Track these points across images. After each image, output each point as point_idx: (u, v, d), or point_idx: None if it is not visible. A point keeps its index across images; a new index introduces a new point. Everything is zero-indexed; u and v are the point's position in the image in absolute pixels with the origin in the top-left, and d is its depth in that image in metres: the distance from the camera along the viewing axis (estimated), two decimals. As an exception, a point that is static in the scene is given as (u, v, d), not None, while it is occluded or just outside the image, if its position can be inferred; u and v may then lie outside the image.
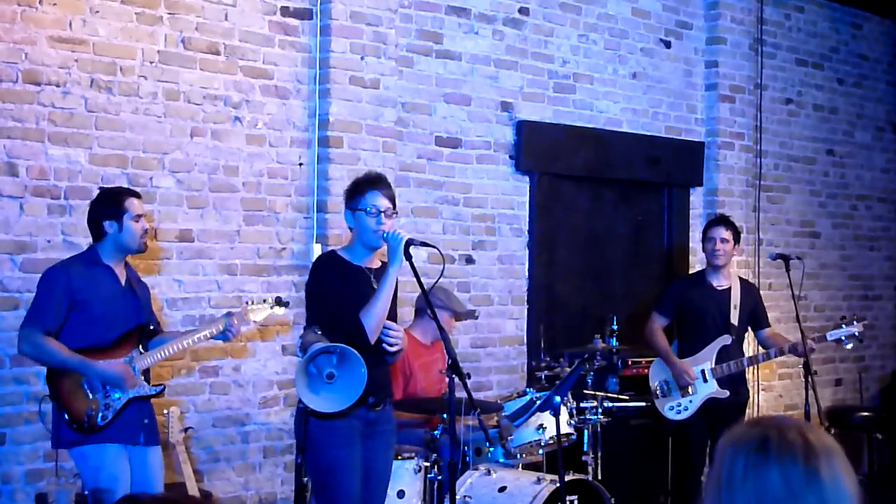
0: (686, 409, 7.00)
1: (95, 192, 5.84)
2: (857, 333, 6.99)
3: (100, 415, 5.06)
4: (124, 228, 5.15)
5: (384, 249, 5.06)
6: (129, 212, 5.15)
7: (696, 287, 7.22)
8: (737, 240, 7.18)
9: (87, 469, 5.08)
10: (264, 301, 5.56)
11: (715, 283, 7.14)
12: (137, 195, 5.30)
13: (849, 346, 7.25)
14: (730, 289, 7.15)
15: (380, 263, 5.15)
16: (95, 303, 5.11)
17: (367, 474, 5.03)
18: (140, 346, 5.25)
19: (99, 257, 5.18)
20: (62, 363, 5.03)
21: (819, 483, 2.01)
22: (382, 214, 5.00)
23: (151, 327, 5.35)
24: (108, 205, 5.18)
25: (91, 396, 5.06)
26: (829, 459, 2.03)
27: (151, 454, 5.28)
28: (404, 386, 6.40)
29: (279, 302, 5.57)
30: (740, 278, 7.41)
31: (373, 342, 4.89)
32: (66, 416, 5.02)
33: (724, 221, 7.20)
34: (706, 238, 7.17)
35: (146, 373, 5.28)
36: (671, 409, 7.04)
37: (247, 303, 5.56)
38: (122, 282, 5.25)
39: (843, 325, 7.04)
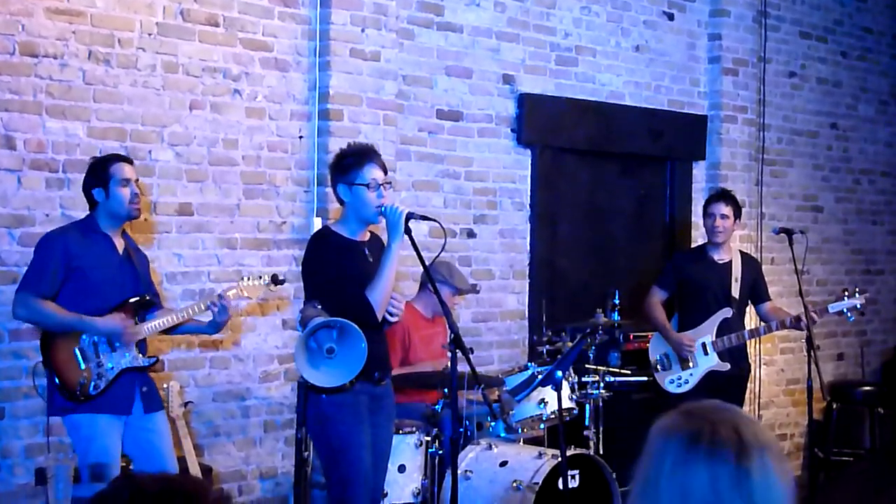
0: (686, 382, 6.99)
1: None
2: (858, 306, 6.97)
3: (92, 384, 5.03)
4: (111, 195, 5.09)
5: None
6: (115, 177, 5.09)
7: (697, 261, 7.19)
8: (738, 215, 7.14)
9: (79, 438, 5.07)
10: (260, 278, 5.51)
11: (716, 257, 7.12)
12: (127, 160, 5.23)
13: (851, 319, 7.22)
14: (730, 262, 7.13)
15: (369, 235, 5.11)
16: (92, 270, 5.07)
17: (371, 449, 5.01)
18: (136, 318, 5.22)
19: (97, 225, 5.14)
20: (59, 323, 5.01)
21: (749, 485, 1.88)
22: (382, 187, 4.96)
23: (148, 298, 5.31)
24: (95, 172, 5.13)
25: (84, 366, 5.03)
26: (762, 459, 1.91)
27: (156, 420, 5.26)
28: (403, 357, 6.39)
29: (275, 280, 5.51)
30: (741, 252, 7.38)
31: (380, 319, 4.87)
32: (60, 385, 5.00)
33: (725, 197, 7.15)
34: (706, 214, 7.13)
35: (142, 344, 5.25)
36: (671, 382, 7.03)
37: (242, 278, 5.51)
38: (120, 251, 5.21)
39: (846, 298, 7.01)
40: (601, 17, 8.15)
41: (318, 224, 6.50)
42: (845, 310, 6.99)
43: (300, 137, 6.67)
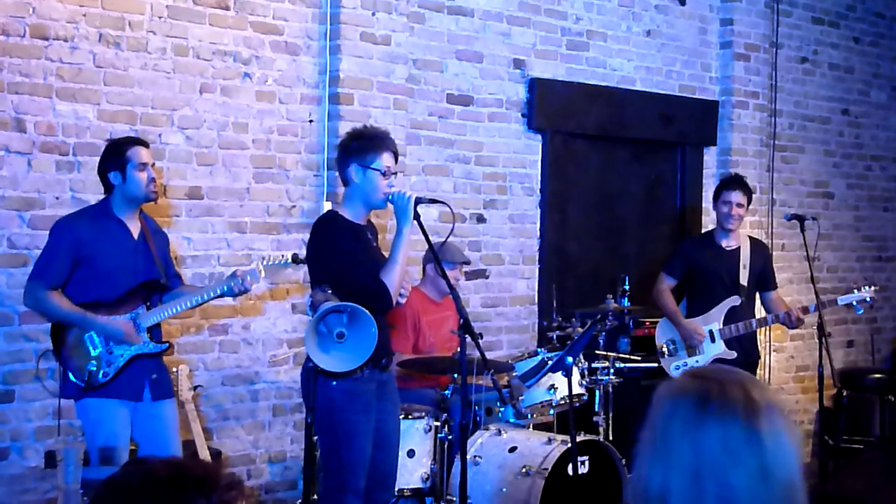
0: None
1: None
2: (868, 299, 6.94)
3: (101, 371, 5.03)
4: (128, 178, 5.07)
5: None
6: (132, 161, 5.07)
7: (706, 247, 7.17)
8: (749, 201, 7.14)
9: (88, 422, 5.08)
10: (282, 256, 5.47)
11: (724, 244, 7.10)
12: (143, 143, 5.20)
13: (859, 312, 7.20)
14: (739, 249, 7.11)
15: (367, 221, 5.09)
16: (102, 257, 5.06)
17: (379, 436, 5.01)
18: (147, 302, 5.20)
19: (110, 210, 5.12)
20: (63, 317, 5.02)
21: (759, 443, 1.90)
22: (393, 176, 4.95)
23: (161, 282, 5.29)
24: (112, 156, 5.11)
25: (93, 353, 5.03)
26: (770, 417, 1.92)
27: (164, 408, 5.23)
28: (414, 343, 6.38)
29: (295, 259, 5.46)
30: (750, 238, 7.35)
31: (394, 303, 4.86)
32: (69, 371, 5.01)
33: (740, 184, 7.12)
34: (720, 201, 7.08)
35: (155, 329, 5.24)
36: (677, 368, 7.02)
37: (262, 258, 5.49)
38: (135, 235, 5.19)
39: (856, 291, 6.99)
40: (612, 2, 8.11)
41: (327, 208, 6.49)
42: (854, 303, 6.97)
43: (310, 121, 6.66)
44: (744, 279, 7.05)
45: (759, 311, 7.36)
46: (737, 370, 2.01)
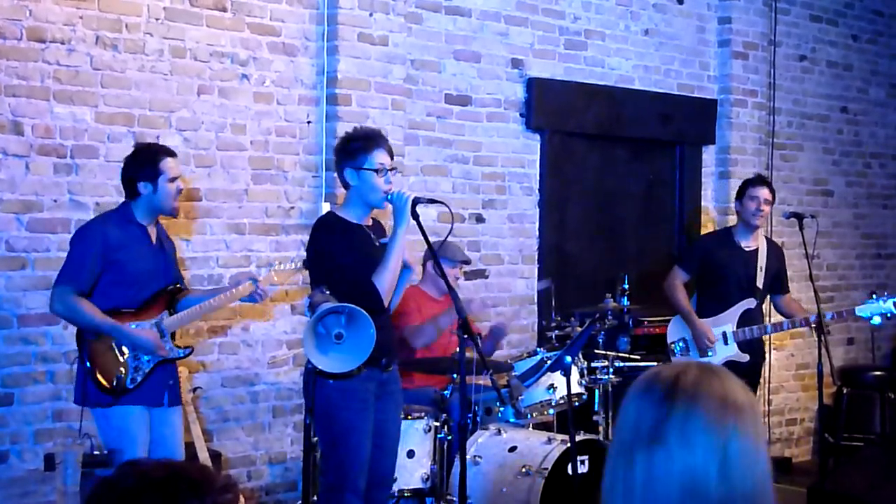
0: (704, 370, 6.94)
1: (102, 151, 5.82)
2: (889, 315, 6.67)
3: (129, 377, 5.02)
4: (159, 190, 5.07)
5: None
6: (164, 173, 5.07)
7: (723, 245, 7.12)
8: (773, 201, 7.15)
9: (109, 429, 5.04)
10: (291, 262, 5.50)
11: (743, 244, 7.05)
12: (174, 154, 5.22)
13: (878, 324, 7.03)
14: (757, 250, 7.06)
15: (371, 221, 5.09)
16: (129, 263, 5.05)
17: (379, 435, 5.01)
18: (171, 308, 5.20)
19: (133, 216, 5.11)
20: (94, 326, 4.97)
21: (666, 428, 1.80)
22: (389, 173, 4.94)
23: (178, 286, 5.31)
24: (144, 165, 5.08)
25: (122, 359, 5.02)
26: (689, 407, 1.81)
27: (176, 414, 5.26)
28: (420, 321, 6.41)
29: (306, 264, 5.49)
30: (767, 239, 7.31)
31: (386, 305, 4.86)
32: (96, 377, 4.98)
33: (767, 182, 7.11)
34: (747, 197, 7.00)
35: (173, 334, 5.24)
36: (687, 368, 6.97)
37: (273, 265, 5.49)
38: (154, 240, 5.20)
39: (874, 296, 6.83)
40: (610, 1, 8.11)
41: (326, 209, 6.49)
42: (871, 313, 6.79)
43: (308, 122, 6.65)
44: (759, 281, 7.00)
45: (767, 313, 7.32)
46: (706, 365, 1.92)
